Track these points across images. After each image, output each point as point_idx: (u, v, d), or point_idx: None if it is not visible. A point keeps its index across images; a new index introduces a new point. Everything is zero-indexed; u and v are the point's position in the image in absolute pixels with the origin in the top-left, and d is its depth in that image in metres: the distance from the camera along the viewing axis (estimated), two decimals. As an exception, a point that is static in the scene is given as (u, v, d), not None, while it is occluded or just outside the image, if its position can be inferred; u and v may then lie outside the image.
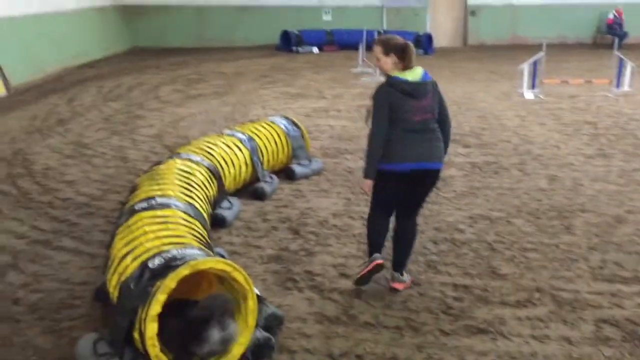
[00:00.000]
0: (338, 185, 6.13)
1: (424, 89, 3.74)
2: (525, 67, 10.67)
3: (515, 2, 18.92)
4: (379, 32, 16.38)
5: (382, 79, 3.88)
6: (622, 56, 10.61)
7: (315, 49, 17.77)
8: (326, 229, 5.04)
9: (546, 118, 9.00)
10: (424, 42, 17.41)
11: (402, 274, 4.05)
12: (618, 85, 10.67)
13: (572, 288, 3.97)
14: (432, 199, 5.65)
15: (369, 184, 3.87)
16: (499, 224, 5.09)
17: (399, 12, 18.88)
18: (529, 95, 10.60)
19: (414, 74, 3.75)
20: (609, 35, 16.85)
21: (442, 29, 19.37)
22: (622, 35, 16.75)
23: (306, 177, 6.33)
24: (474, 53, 17.59)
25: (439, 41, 18.60)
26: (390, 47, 3.76)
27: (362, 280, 3.95)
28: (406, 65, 3.75)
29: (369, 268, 3.90)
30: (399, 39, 3.82)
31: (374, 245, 4.00)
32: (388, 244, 4.11)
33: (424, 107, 3.74)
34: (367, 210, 5.13)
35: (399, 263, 4.06)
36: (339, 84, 12.24)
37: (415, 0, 18.93)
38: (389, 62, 3.77)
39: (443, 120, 3.88)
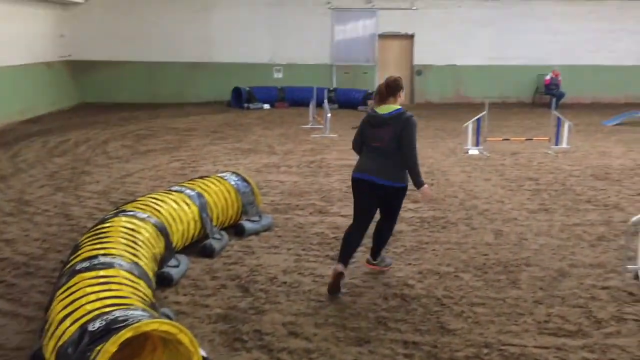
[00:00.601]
0: (288, 241, 6.10)
1: (383, 124, 4.71)
2: (470, 125, 11.05)
3: (459, 62, 19.75)
4: (329, 90, 16.77)
5: (332, 135, 4.11)
6: (559, 115, 11.14)
7: (266, 106, 17.99)
8: (276, 286, 4.97)
9: (490, 174, 9.28)
10: (373, 100, 17.88)
11: (374, 259, 5.23)
12: (557, 142, 11.15)
13: (519, 342, 4.01)
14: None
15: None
16: (447, 278, 5.13)
17: (348, 70, 19.41)
18: (473, 152, 10.94)
19: (384, 109, 4.77)
20: (547, 95, 17.70)
21: (390, 88, 19.94)
22: (560, 95, 17.61)
23: (256, 233, 6.28)
24: (421, 111, 18.10)
25: (387, 99, 19.11)
26: (377, 89, 4.87)
27: (332, 289, 4.74)
28: (379, 102, 4.81)
29: (332, 278, 4.74)
30: (389, 80, 4.82)
31: (342, 255, 4.83)
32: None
33: (384, 136, 4.70)
34: (317, 266, 5.11)
35: (374, 250, 5.24)
36: (290, 139, 12.36)
37: (364, 59, 19.55)
38: (375, 98, 4.89)
39: (403, 152, 4.73)
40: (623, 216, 6.82)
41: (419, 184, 4.81)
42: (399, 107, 4.78)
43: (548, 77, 18.28)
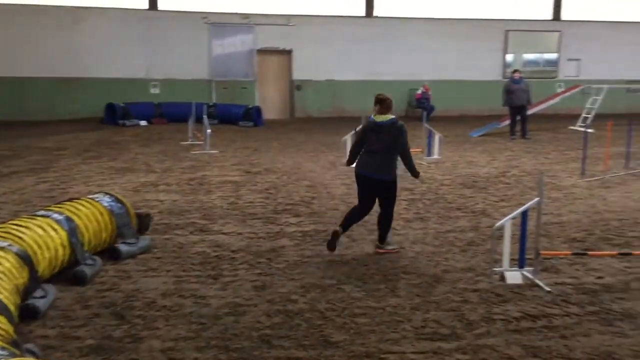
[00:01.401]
0: (168, 262, 5.88)
1: (380, 129, 5.97)
2: (348, 138, 11.33)
3: (336, 77, 20.30)
4: (208, 105, 16.54)
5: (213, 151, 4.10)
6: (430, 128, 11.76)
7: (143, 122, 17.40)
8: (154, 310, 4.76)
9: (369, 185, 9.55)
10: (254, 115, 17.91)
11: (382, 243, 6.21)
12: (429, 153, 11.75)
13: (398, 349, 4.13)
14: (264, 271, 5.65)
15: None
16: (330, 291, 5.19)
17: (227, 85, 19.26)
18: (353, 164, 11.21)
19: (381, 118, 6.01)
20: (419, 108, 18.66)
21: (271, 102, 20.09)
22: (430, 109, 18.64)
23: (133, 256, 5.99)
24: (301, 125, 18.40)
25: (268, 113, 19.23)
26: (375, 101, 6.12)
27: (330, 246, 6.04)
28: (379, 112, 6.05)
29: (331, 236, 6.03)
30: (381, 96, 6.10)
31: (344, 222, 6.13)
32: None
33: (380, 142, 5.95)
34: (198, 287, 5.08)
35: (380, 237, 6.25)
36: (169, 157, 12.01)
37: (243, 74, 19.51)
38: (375, 108, 6.09)
39: (401, 154, 6.14)
40: (489, 221, 7.28)
41: (416, 174, 6.42)
42: (393, 116, 6.08)
43: (419, 92, 19.28)
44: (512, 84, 15.33)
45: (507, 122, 15.80)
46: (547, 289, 5.18)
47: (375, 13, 20.44)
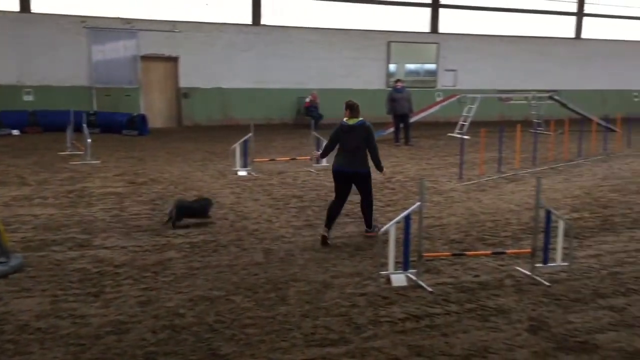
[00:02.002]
0: (43, 281, 5.51)
1: (352, 131, 6.94)
2: (237, 147, 11.25)
3: (224, 85, 20.09)
4: (89, 114, 15.74)
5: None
6: (318, 135, 11.92)
7: (15, 131, 16.28)
8: (28, 334, 4.43)
9: (259, 194, 9.53)
10: (138, 123, 17.30)
11: (369, 228, 7.12)
12: (318, 161, 11.90)
13: (288, 358, 4.13)
14: (150, 285, 5.45)
15: (317, 153, 8.27)
16: (219, 303, 5.09)
17: (109, 92, 18.44)
18: (242, 173, 11.15)
19: (352, 121, 6.98)
20: (308, 116, 18.88)
21: (156, 110, 19.50)
22: (318, 117, 18.93)
23: (4, 276, 5.55)
24: (189, 133, 18.01)
25: (154, 122, 18.66)
26: (345, 106, 7.06)
27: (323, 244, 6.76)
28: (349, 116, 7.01)
29: (321, 239, 6.81)
30: (350, 102, 7.09)
31: (328, 221, 6.93)
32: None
33: (352, 141, 6.92)
34: (78, 306, 4.95)
35: (366, 222, 7.17)
36: (45, 168, 11.30)
37: (126, 81, 18.76)
38: (346, 113, 7.05)
39: (369, 149, 7.01)
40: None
41: (381, 168, 7.24)
42: (362, 118, 7.01)
43: (307, 100, 19.52)
44: (395, 93, 15.95)
45: (391, 129, 16.40)
46: (430, 289, 5.42)
47: (263, 21, 20.48)
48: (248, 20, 20.35)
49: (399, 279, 5.59)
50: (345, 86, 21.43)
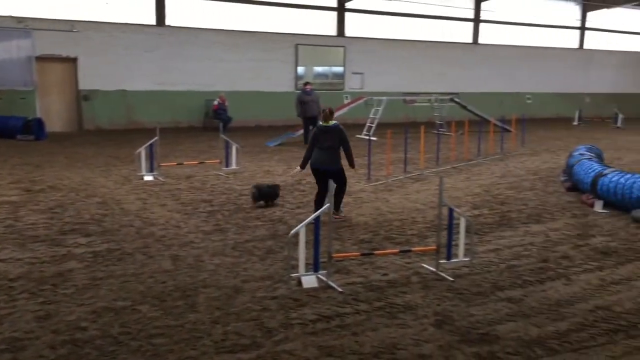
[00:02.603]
0: None
1: (328, 131, 8.00)
2: (143, 151, 10.89)
3: (128, 87, 19.43)
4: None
5: None
6: (227, 138, 11.79)
7: None
8: None
9: (167, 199, 9.28)
10: (35, 127, 16.40)
11: (338, 211, 8.20)
12: (227, 164, 11.77)
13: (199, 366, 4.04)
14: (48, 299, 5.15)
15: (298, 169, 8.50)
16: (124, 314, 4.90)
17: (1, 95, 17.33)
18: (148, 178, 10.81)
19: (328, 123, 8.02)
20: (216, 119, 18.60)
21: (55, 114, 18.55)
22: (227, 120, 18.72)
23: None
24: (91, 137, 17.27)
25: (52, 126, 17.77)
26: (323, 114, 8.15)
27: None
28: (325, 119, 8.08)
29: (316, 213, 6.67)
30: (325, 110, 8.22)
31: (317, 205, 7.93)
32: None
33: (328, 140, 7.97)
34: None
35: (335, 206, 7.97)
36: None
37: (21, 83, 17.68)
38: (321, 117, 8.22)
39: (344, 148, 8.19)
40: (286, 229, 7.51)
41: (353, 165, 8.40)
42: (336, 122, 8.11)
43: (216, 103, 19.25)
44: (305, 95, 16.07)
45: (301, 131, 16.50)
46: (340, 289, 5.48)
47: (167, 22, 19.98)
48: (152, 20, 19.78)
49: (309, 281, 5.62)
50: (253, 88, 21.37)
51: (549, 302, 5.31)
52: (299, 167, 8.45)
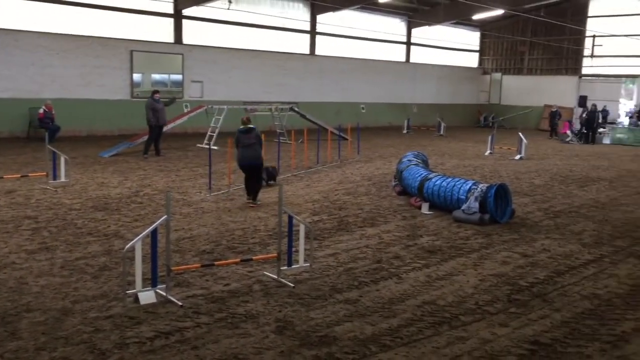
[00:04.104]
0: None
1: (249, 132, 9.64)
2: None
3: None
4: None
5: None
6: (54, 149, 10.95)
7: None
8: None
9: (-17, 217, 8.38)
10: None
11: (254, 201, 9.79)
12: (55, 177, 10.93)
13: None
14: None
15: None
16: None
17: None
18: (-40, 194, 9.67)
19: (247, 127, 9.68)
20: (42, 129, 17.20)
21: None
22: (54, 129, 17.41)
23: None
24: None
25: None
26: (242, 122, 9.92)
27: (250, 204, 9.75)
28: (243, 124, 9.79)
29: (249, 203, 9.78)
30: (243, 118, 9.94)
31: (248, 191, 9.89)
32: None
33: (250, 139, 9.61)
34: None
35: (253, 197, 9.82)
36: None
37: None
38: (242, 123, 9.90)
39: (261, 144, 9.83)
40: (122, 243, 7.14)
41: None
42: (252, 125, 9.77)
43: (41, 111, 17.82)
44: (155, 103, 15.38)
45: (140, 140, 15.82)
46: (180, 303, 5.33)
47: (-17, 22, 18.12)
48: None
49: (147, 297, 5.40)
50: (85, 96, 20.14)
51: (383, 300, 5.62)
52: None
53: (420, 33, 31.56)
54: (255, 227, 8.40)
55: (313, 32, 27.13)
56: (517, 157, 17.84)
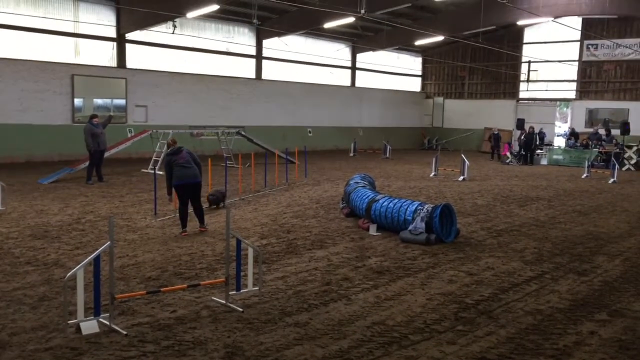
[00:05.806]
0: None
1: (179, 152, 9.30)
2: None
3: None
4: None
5: None
6: (-10, 176, 10.54)
7: None
8: None
9: None
10: None
11: (202, 225, 9.60)
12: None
13: None
14: None
15: (168, 198, 9.70)
16: None
17: None
18: None
19: (176, 147, 9.39)
20: (-23, 155, 16.55)
21: None
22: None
23: None
24: None
25: None
26: (167, 145, 9.99)
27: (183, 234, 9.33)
28: (170, 146, 9.56)
29: (184, 233, 9.32)
30: (169, 141, 9.71)
31: (182, 221, 9.45)
32: None
33: (183, 158, 9.23)
34: None
35: (200, 221, 9.63)
36: None
37: None
38: (170, 144, 9.64)
39: (196, 162, 9.41)
40: (63, 272, 6.90)
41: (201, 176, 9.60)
42: (180, 145, 9.47)
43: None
44: (95, 128, 14.99)
45: (82, 166, 15.41)
46: (124, 332, 5.17)
47: None
48: None
49: (90, 326, 5.21)
50: (23, 121, 19.53)
51: (332, 322, 5.61)
52: (168, 197, 9.62)
53: (365, 58, 32.19)
54: (203, 252, 8.27)
55: (259, 57, 27.26)
56: (461, 178, 18.30)
